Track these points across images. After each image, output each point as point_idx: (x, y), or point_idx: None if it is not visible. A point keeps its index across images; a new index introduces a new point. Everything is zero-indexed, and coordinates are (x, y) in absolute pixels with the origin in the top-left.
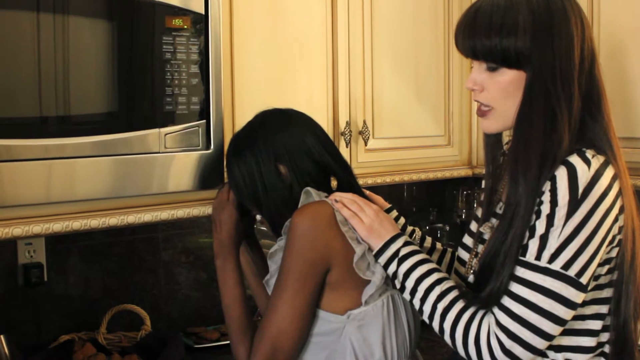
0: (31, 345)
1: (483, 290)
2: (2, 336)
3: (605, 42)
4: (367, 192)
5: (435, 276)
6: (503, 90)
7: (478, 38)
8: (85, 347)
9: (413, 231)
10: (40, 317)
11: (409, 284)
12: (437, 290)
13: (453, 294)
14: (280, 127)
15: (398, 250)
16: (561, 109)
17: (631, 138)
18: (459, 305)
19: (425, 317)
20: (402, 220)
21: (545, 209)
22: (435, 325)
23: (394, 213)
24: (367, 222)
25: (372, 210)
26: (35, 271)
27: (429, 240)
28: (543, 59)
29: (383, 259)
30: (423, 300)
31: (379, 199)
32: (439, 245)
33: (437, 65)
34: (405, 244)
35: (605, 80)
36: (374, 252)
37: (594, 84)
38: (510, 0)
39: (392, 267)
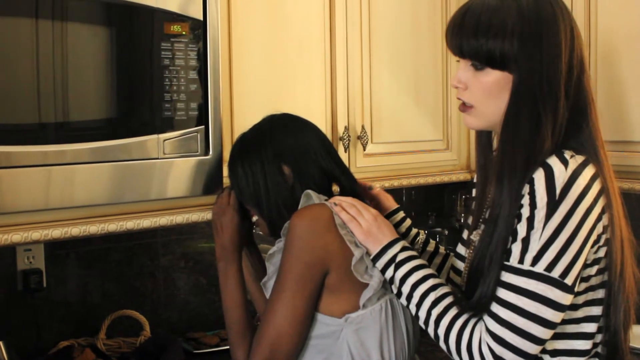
0: (30, 351)
1: (473, 295)
2: (1, 342)
3: (602, 47)
4: (378, 189)
5: (430, 282)
6: (486, 90)
7: (465, 37)
8: (84, 353)
9: (417, 234)
10: (40, 323)
11: (405, 289)
12: (432, 297)
13: (447, 300)
14: (288, 130)
15: (395, 256)
16: (546, 114)
17: (624, 142)
18: (453, 312)
19: (421, 322)
20: (408, 221)
21: (525, 211)
22: (430, 331)
23: (401, 214)
24: (365, 226)
25: (371, 215)
26: (35, 277)
27: (432, 244)
28: (530, 64)
29: (380, 264)
30: (418, 306)
31: (389, 198)
32: (442, 249)
33: (435, 69)
34: (403, 249)
35: (599, 84)
36: (371, 257)
37: (581, 92)
38: (501, 2)
39: (389, 272)
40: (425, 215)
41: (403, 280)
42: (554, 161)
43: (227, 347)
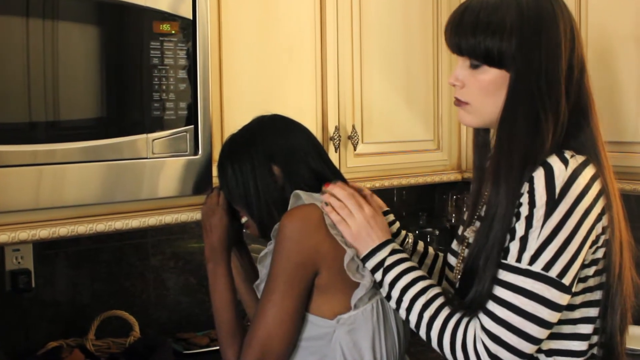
0: (19, 351)
1: (467, 294)
2: None
3: (593, 47)
4: (369, 192)
5: (420, 285)
6: (483, 89)
7: (464, 35)
8: (73, 354)
9: (406, 236)
10: (28, 324)
11: (395, 293)
12: (422, 300)
13: (438, 301)
14: (278, 131)
15: (383, 260)
16: (546, 113)
17: (619, 142)
18: (445, 313)
19: (412, 326)
20: (396, 224)
21: (524, 210)
22: (422, 334)
23: (390, 217)
24: (354, 229)
25: (362, 216)
26: (23, 277)
27: (421, 245)
28: (528, 62)
29: (368, 267)
30: (409, 310)
31: (377, 200)
32: (431, 250)
33: (426, 69)
34: (392, 252)
35: (593, 84)
36: (360, 259)
37: (582, 93)
38: (500, 0)
39: (377, 276)
40: (416, 215)
41: (392, 284)
42: (554, 160)
43: (217, 347)
